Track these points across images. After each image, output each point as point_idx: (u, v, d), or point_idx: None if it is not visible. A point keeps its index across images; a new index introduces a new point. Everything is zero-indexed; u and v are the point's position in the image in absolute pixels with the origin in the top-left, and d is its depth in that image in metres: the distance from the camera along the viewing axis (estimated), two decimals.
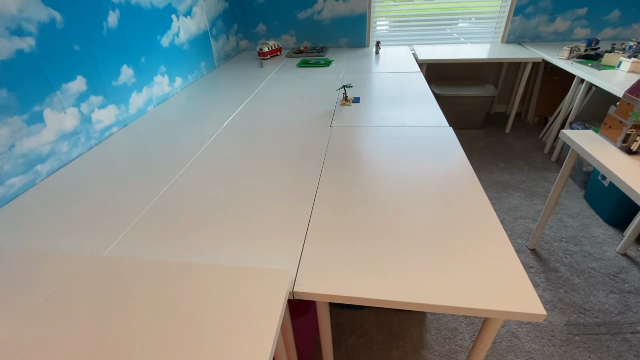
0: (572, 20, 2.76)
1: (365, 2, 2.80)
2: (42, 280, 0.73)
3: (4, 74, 1.04)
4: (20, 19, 1.09)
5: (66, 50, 1.25)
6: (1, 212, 1.01)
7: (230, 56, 2.81)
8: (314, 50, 2.85)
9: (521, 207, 2.01)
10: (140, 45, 1.67)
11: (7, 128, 1.06)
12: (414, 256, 0.77)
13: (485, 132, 2.96)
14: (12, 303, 0.68)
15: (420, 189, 1.00)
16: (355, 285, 0.71)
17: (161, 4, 1.83)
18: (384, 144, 1.28)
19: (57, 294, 0.69)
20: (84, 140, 1.35)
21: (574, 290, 1.48)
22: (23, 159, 1.11)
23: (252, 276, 0.71)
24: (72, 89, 1.28)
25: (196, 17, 2.20)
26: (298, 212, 0.93)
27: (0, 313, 0.66)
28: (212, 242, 0.85)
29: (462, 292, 0.68)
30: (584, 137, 1.33)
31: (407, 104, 1.64)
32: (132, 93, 1.61)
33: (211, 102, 1.83)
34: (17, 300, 0.68)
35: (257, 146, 1.32)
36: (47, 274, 0.75)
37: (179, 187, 1.08)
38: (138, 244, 0.85)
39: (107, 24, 1.45)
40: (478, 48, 2.85)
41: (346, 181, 1.06)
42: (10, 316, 0.65)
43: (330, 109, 1.64)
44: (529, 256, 1.67)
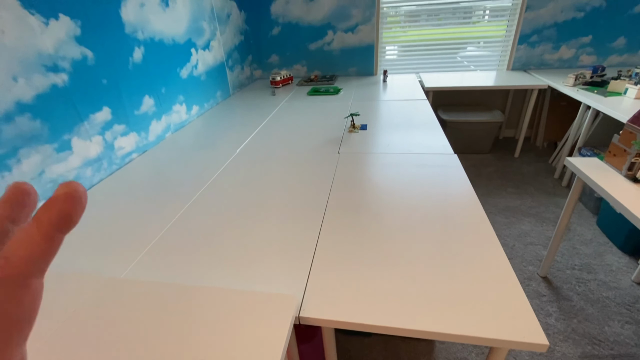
0: (577, 48, 2.81)
1: (373, 34, 2.93)
2: (64, 300, 0.77)
3: (39, 107, 1.14)
4: (56, 57, 1.20)
5: (95, 83, 1.37)
6: None
7: (244, 85, 2.96)
8: (323, 78, 2.98)
9: (532, 233, 1.99)
10: (162, 77, 1.79)
11: (39, 155, 1.15)
12: (419, 283, 0.79)
13: (494, 156, 2.97)
14: (35, 322, 0.72)
15: (425, 215, 1.03)
16: (360, 311, 0.73)
17: (182, 39, 1.97)
18: (389, 170, 1.32)
19: (79, 314, 0.73)
20: (106, 166, 1.43)
21: (587, 320, 1.44)
22: (51, 184, 1.19)
23: (259, 300, 0.74)
24: (98, 119, 1.38)
25: (214, 50, 2.35)
26: (305, 238, 0.97)
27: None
28: (223, 266, 0.88)
29: (465, 321, 0.70)
30: (589, 165, 1.35)
31: (413, 131, 1.69)
32: (152, 121, 1.71)
33: (226, 128, 1.93)
34: (39, 319, 0.73)
35: (268, 171, 1.38)
36: (69, 294, 0.79)
37: (192, 212, 1.13)
38: (153, 267, 0.90)
39: (133, 59, 1.58)
40: (484, 75, 2.92)
41: (353, 207, 1.10)
42: (34, 334, 0.69)
43: (338, 135, 1.71)
44: (540, 284, 1.64)
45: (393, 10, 2.96)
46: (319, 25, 2.95)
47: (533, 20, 2.75)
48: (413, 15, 2.99)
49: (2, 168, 1.04)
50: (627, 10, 2.62)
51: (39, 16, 1.14)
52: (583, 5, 2.65)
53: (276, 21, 2.99)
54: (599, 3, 2.62)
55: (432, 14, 2.97)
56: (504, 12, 2.86)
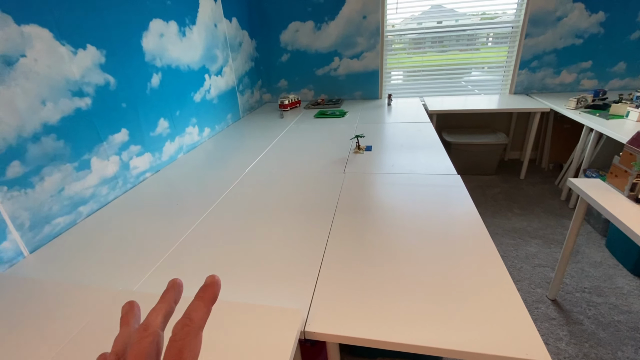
0: (577, 73, 2.88)
1: (377, 60, 3.05)
2: (79, 311, 0.81)
3: (64, 128, 1.22)
4: (81, 82, 1.30)
5: (115, 107, 1.45)
6: (46, 247, 1.13)
7: (254, 108, 3.07)
8: (330, 102, 3.08)
9: (539, 255, 1.97)
10: (177, 101, 1.89)
11: (60, 174, 1.21)
12: (423, 301, 0.80)
13: (499, 178, 2.98)
14: (52, 330, 0.76)
15: (428, 233, 1.05)
16: (365, 327, 0.75)
17: (196, 66, 2.09)
18: (394, 190, 1.36)
19: (92, 324, 0.76)
20: (121, 184, 1.49)
21: (600, 345, 1.41)
22: (69, 201, 1.25)
23: (265, 314, 0.76)
24: (117, 140, 1.46)
25: (226, 75, 2.47)
26: (311, 254, 0.99)
27: (40, 339, 0.73)
28: (231, 280, 0.91)
29: (469, 337, 0.70)
30: (591, 186, 1.36)
31: (416, 152, 1.74)
32: (166, 142, 1.79)
33: (235, 150, 2.00)
34: (56, 328, 0.76)
35: (276, 190, 1.42)
36: (84, 305, 0.82)
37: (202, 229, 1.17)
38: (164, 281, 0.92)
39: (151, 84, 1.68)
40: (487, 99, 2.99)
41: (357, 225, 1.13)
42: (51, 342, 0.72)
43: (344, 156, 1.76)
44: (549, 307, 1.61)
45: (398, 37, 3.09)
46: (326, 52, 3.09)
47: (533, 47, 2.85)
48: (417, 42, 3.12)
49: (26, 185, 1.10)
50: (624, 37, 2.70)
51: (69, 46, 1.24)
52: (581, 32, 2.74)
53: (285, 49, 3.14)
54: (597, 30, 2.71)
55: (436, 40, 3.09)
56: (504, 39, 2.97)
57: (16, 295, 0.88)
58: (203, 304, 0.26)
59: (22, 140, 1.08)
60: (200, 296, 0.27)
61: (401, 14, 2.99)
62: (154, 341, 0.24)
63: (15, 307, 0.83)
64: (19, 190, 1.08)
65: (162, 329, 0.25)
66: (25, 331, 0.76)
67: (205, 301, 0.26)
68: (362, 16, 2.91)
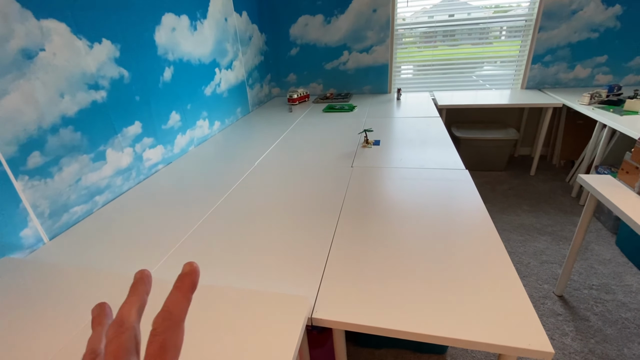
0: (592, 68, 2.82)
1: (387, 54, 3.04)
2: (96, 296, 0.85)
3: (80, 120, 1.26)
4: (97, 76, 1.33)
5: (129, 100, 1.49)
6: (65, 235, 1.18)
7: (263, 102, 3.09)
8: (339, 96, 3.08)
9: (547, 252, 1.96)
10: (188, 94, 1.93)
11: (77, 164, 1.26)
12: (428, 291, 0.82)
13: (509, 174, 2.96)
14: (69, 315, 0.80)
15: (435, 227, 1.07)
16: (371, 315, 0.77)
17: (207, 60, 2.12)
18: (401, 184, 1.37)
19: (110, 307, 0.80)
20: (135, 176, 1.54)
21: (606, 342, 1.41)
22: (86, 190, 1.29)
23: (273, 301, 0.79)
24: (130, 132, 1.50)
25: (235, 69, 2.50)
26: (319, 244, 1.02)
27: (59, 323, 0.78)
28: (240, 268, 0.94)
29: (473, 328, 0.72)
30: (602, 182, 1.35)
31: (425, 147, 1.74)
32: (177, 135, 1.83)
33: (245, 143, 2.03)
34: (73, 313, 0.80)
35: (284, 183, 1.45)
36: (100, 291, 0.87)
37: (213, 219, 1.20)
38: (177, 267, 0.96)
39: (163, 78, 1.71)
40: (498, 94, 2.95)
41: (365, 217, 1.14)
42: (68, 326, 0.76)
43: (352, 150, 1.77)
44: (556, 303, 1.61)
45: (408, 31, 3.06)
46: (335, 46, 3.09)
47: (547, 41, 2.79)
48: (428, 35, 3.09)
49: (45, 175, 1.15)
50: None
51: (85, 40, 1.27)
52: (596, 26, 2.68)
53: (294, 42, 3.14)
54: (613, 24, 2.65)
55: (448, 34, 3.06)
56: (517, 33, 2.92)
57: (37, 280, 0.92)
58: (182, 295, 0.25)
59: (42, 132, 1.13)
60: (178, 286, 0.25)
61: (412, 7, 2.96)
62: (132, 335, 0.23)
63: (36, 290, 0.88)
64: (39, 180, 1.12)
65: (138, 322, 0.24)
66: (46, 313, 0.80)
67: (183, 291, 0.25)
68: (372, 9, 2.89)
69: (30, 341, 0.73)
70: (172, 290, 0.25)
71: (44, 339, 0.73)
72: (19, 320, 0.78)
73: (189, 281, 0.26)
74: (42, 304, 0.83)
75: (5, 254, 1.03)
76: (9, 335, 0.74)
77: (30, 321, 0.78)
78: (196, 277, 0.26)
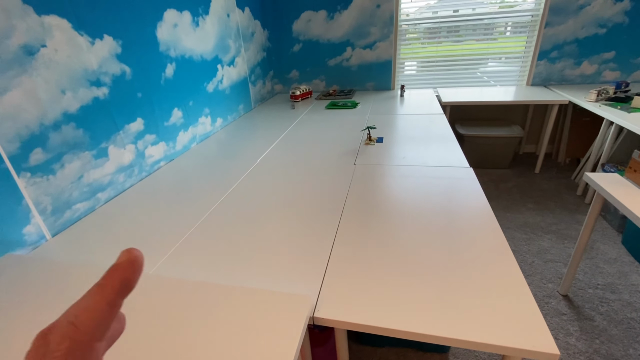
0: (599, 64, 2.78)
1: (390, 50, 3.01)
2: None
3: (82, 117, 1.26)
4: (99, 72, 1.33)
5: (131, 97, 1.49)
6: (67, 232, 1.18)
7: (265, 99, 3.08)
8: (342, 93, 3.06)
9: (552, 250, 1.94)
10: (190, 91, 1.92)
11: (79, 161, 1.25)
12: (431, 291, 0.81)
13: (513, 172, 2.93)
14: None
15: (438, 225, 1.05)
16: (373, 314, 0.76)
17: (209, 56, 2.10)
18: (404, 182, 1.35)
19: None
20: (137, 173, 1.53)
21: (611, 342, 1.39)
22: (88, 187, 1.29)
23: (275, 300, 0.78)
24: (132, 129, 1.50)
25: (238, 66, 2.48)
26: (321, 243, 1.01)
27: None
28: (242, 266, 0.94)
29: (478, 328, 0.71)
30: (609, 181, 1.33)
31: (429, 145, 1.72)
32: (179, 132, 1.82)
33: (247, 140, 2.02)
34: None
35: (287, 180, 1.44)
36: None
37: (215, 216, 1.20)
38: (178, 265, 0.96)
39: (165, 74, 1.70)
40: (503, 91, 2.92)
41: (367, 215, 1.13)
42: None
43: (354, 148, 1.76)
44: (560, 302, 1.60)
45: (412, 27, 3.03)
46: (338, 42, 3.06)
47: (553, 36, 2.75)
48: (432, 31, 3.05)
49: (47, 172, 1.14)
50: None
51: (86, 36, 1.27)
52: (604, 21, 2.63)
53: (297, 38, 3.12)
54: (621, 19, 2.60)
55: (452, 30, 3.02)
56: (523, 29, 2.88)
57: (40, 276, 0.92)
58: (101, 298, 0.16)
59: (44, 128, 1.12)
60: (101, 285, 0.17)
61: (416, 2, 2.92)
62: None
63: (39, 287, 0.88)
64: (41, 177, 1.12)
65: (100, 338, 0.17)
66: (49, 310, 0.80)
67: (106, 293, 0.16)
68: (375, 5, 2.86)
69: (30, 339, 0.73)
70: (89, 290, 0.16)
71: None
72: (21, 316, 0.78)
73: (117, 278, 0.17)
74: (45, 300, 0.83)
75: (8, 251, 1.03)
76: (11, 332, 0.74)
77: (33, 318, 0.78)
78: (132, 273, 0.17)
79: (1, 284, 0.89)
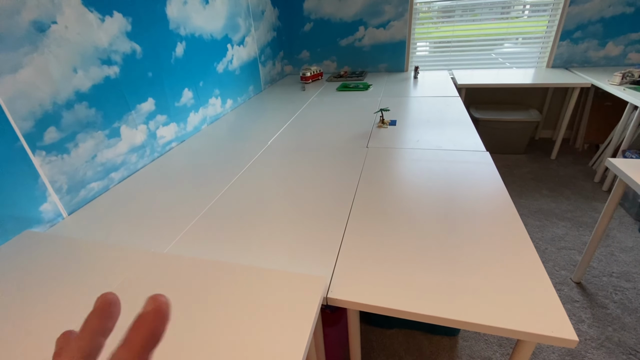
0: (625, 45, 2.64)
1: (405, 29, 2.91)
2: (116, 268, 0.86)
3: (94, 96, 1.25)
4: (110, 51, 1.31)
5: (142, 76, 1.47)
6: (82, 210, 1.19)
7: (275, 80, 3.03)
8: (353, 74, 2.99)
9: (566, 238, 1.91)
10: (200, 71, 1.89)
11: (92, 141, 1.26)
12: (446, 274, 0.80)
13: (528, 157, 2.86)
14: (89, 288, 0.81)
15: (453, 209, 1.03)
16: (386, 296, 0.76)
17: (219, 35, 2.06)
18: (418, 166, 1.33)
19: (126, 283, 0.81)
20: (149, 153, 1.54)
21: (624, 330, 1.38)
22: (102, 167, 1.30)
23: (290, 280, 0.78)
24: (144, 109, 1.49)
25: (248, 46, 2.43)
26: (334, 225, 1.00)
27: (79, 296, 0.79)
28: (256, 247, 0.94)
29: (493, 313, 0.70)
30: (632, 167, 1.28)
31: (443, 128, 1.68)
32: (190, 113, 1.81)
33: (257, 122, 2.00)
34: (93, 287, 0.81)
35: (298, 162, 1.42)
36: (119, 265, 0.88)
37: (228, 197, 1.20)
38: (192, 244, 0.97)
39: (175, 53, 1.67)
40: (521, 73, 2.81)
41: (380, 198, 1.12)
42: (87, 299, 0.78)
43: (367, 130, 1.72)
44: (573, 289, 1.58)
45: (426, 6, 2.91)
46: (351, 21, 2.97)
47: (577, 15, 2.61)
48: (447, 10, 2.93)
49: (62, 151, 1.15)
50: None
51: (96, 13, 1.24)
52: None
53: (308, 17, 3.03)
54: None
55: (467, 9, 2.90)
56: (546, 7, 2.74)
57: (58, 253, 0.94)
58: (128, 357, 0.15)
59: (57, 107, 1.12)
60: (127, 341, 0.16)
61: None
62: None
63: (57, 264, 0.90)
64: (56, 155, 1.13)
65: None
66: (66, 286, 0.82)
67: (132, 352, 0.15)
68: None
69: (50, 313, 0.74)
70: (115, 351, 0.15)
71: (64, 312, 0.75)
72: (39, 292, 0.80)
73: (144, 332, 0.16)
74: (62, 277, 0.85)
75: (27, 228, 1.05)
76: (29, 307, 0.76)
77: (51, 293, 0.80)
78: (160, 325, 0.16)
79: (21, 259, 0.91)
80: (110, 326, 0.18)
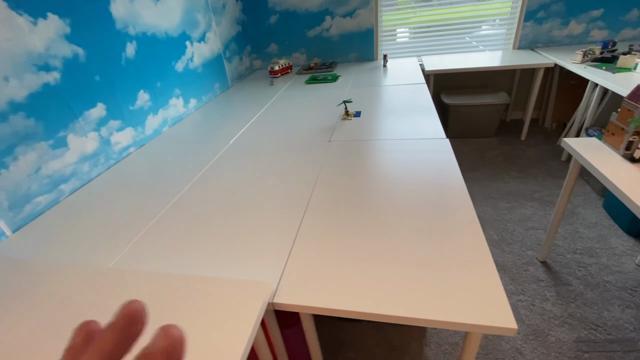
0: (587, 23, 2.67)
1: (371, 17, 2.87)
2: (62, 293, 0.82)
3: (32, 105, 1.18)
4: (47, 56, 1.23)
5: (88, 80, 1.40)
6: (29, 226, 1.14)
7: (243, 76, 2.96)
8: (323, 66, 2.94)
9: (534, 218, 1.95)
10: (156, 71, 1.82)
11: (35, 153, 1.19)
12: (396, 270, 0.79)
13: (499, 140, 2.89)
14: (26, 311, 0.77)
15: (408, 201, 1.03)
16: (334, 298, 0.74)
17: (175, 32, 1.98)
18: (379, 157, 1.31)
19: (65, 302, 0.78)
20: (104, 161, 1.48)
21: (586, 305, 1.42)
22: (48, 179, 1.24)
23: (232, 287, 0.76)
24: (93, 115, 1.42)
25: (210, 42, 2.35)
26: (286, 226, 0.98)
27: (16, 319, 0.75)
28: (206, 255, 0.91)
29: (439, 306, 0.70)
30: (586, 145, 1.30)
31: (407, 117, 1.67)
32: (148, 116, 1.74)
33: (222, 121, 1.95)
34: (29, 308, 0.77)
35: (257, 162, 1.39)
36: (58, 284, 0.84)
37: (180, 204, 1.16)
38: (137, 257, 0.93)
39: (125, 54, 1.60)
40: (488, 56, 2.82)
41: (338, 195, 1.10)
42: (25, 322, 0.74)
43: (331, 123, 1.70)
44: (539, 269, 1.62)
45: None
46: (317, 11, 2.90)
47: None
48: None
49: None
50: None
51: (27, 16, 1.16)
52: None
53: (273, 9, 2.96)
54: None
55: None
56: None
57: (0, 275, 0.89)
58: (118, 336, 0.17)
59: None
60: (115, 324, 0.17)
61: None
62: None
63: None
64: None
65: None
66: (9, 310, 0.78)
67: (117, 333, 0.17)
68: None
69: None
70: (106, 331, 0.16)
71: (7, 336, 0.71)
72: None
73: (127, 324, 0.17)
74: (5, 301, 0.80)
75: None
76: None
77: None
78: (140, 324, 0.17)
79: None
80: (137, 333, 0.18)
